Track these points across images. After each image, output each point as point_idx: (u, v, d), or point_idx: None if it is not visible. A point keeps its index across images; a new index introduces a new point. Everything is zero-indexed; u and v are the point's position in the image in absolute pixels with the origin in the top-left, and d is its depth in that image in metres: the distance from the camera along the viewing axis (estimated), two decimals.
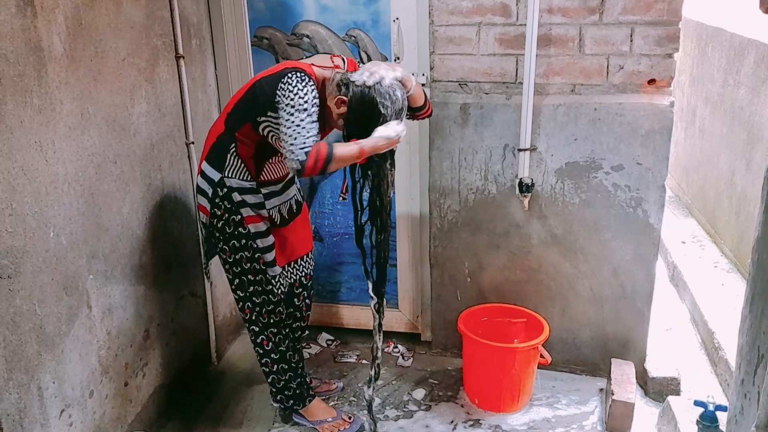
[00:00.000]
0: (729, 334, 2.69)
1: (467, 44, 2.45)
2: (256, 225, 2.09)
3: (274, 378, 2.33)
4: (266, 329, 2.25)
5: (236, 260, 2.13)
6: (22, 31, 1.66)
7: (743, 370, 1.28)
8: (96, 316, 2.03)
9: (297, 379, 2.35)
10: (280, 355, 2.29)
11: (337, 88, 1.97)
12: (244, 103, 2.01)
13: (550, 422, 2.43)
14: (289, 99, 1.88)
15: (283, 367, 2.31)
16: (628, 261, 2.51)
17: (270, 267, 2.15)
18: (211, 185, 2.07)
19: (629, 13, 2.28)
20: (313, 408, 2.41)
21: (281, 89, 1.89)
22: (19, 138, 1.66)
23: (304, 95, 1.88)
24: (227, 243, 2.11)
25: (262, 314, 2.22)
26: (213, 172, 2.07)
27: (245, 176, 2.06)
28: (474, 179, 2.57)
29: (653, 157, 2.38)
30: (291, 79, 1.89)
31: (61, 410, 1.87)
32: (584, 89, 2.41)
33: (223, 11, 2.64)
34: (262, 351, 2.28)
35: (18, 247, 1.67)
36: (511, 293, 2.66)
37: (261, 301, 2.20)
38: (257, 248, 2.11)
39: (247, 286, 2.17)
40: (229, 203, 2.06)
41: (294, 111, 1.87)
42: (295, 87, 1.88)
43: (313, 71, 1.98)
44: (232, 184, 2.05)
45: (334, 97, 1.98)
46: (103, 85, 2.00)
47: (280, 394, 2.36)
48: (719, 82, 3.73)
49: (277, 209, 2.16)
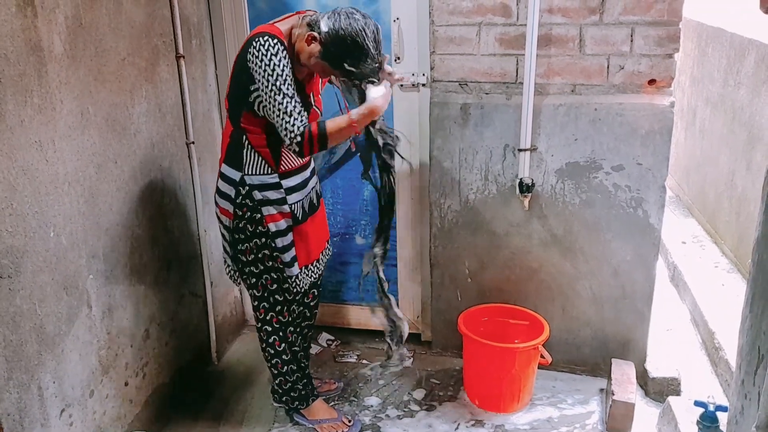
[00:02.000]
0: (729, 335, 2.69)
1: (467, 44, 2.45)
2: (277, 224, 2.08)
3: (282, 379, 2.32)
4: (280, 330, 2.24)
5: (256, 259, 2.13)
6: (23, 31, 1.66)
7: (743, 371, 1.28)
8: (96, 315, 2.03)
9: (304, 379, 2.35)
10: (292, 355, 2.29)
11: (308, 26, 1.94)
12: (232, 90, 2.01)
13: (550, 422, 2.42)
14: (263, 70, 1.86)
15: (293, 368, 2.30)
16: (628, 261, 2.51)
17: (288, 267, 2.13)
18: (233, 185, 2.06)
19: (629, 13, 2.28)
20: (315, 408, 2.41)
21: (252, 60, 1.88)
22: (20, 137, 1.67)
23: (279, 61, 1.86)
24: (248, 242, 2.11)
25: (280, 314, 2.21)
26: (233, 172, 2.06)
27: (266, 170, 2.04)
28: (474, 179, 2.57)
29: (653, 158, 2.38)
30: (257, 47, 1.87)
31: (61, 410, 1.87)
32: (584, 89, 2.41)
33: (223, 11, 2.64)
34: (273, 351, 2.27)
35: (18, 247, 1.67)
36: (511, 293, 2.66)
37: (278, 300, 2.19)
38: (276, 248, 2.10)
39: (265, 285, 2.17)
40: (251, 202, 2.06)
41: (272, 84, 1.86)
42: (266, 54, 1.86)
43: (278, 29, 1.94)
44: (254, 181, 2.04)
45: (303, 36, 1.94)
46: (103, 84, 2.00)
47: (286, 395, 2.36)
48: (719, 82, 3.73)
49: (300, 204, 2.13)
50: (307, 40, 1.93)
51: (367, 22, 1.91)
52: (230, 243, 2.16)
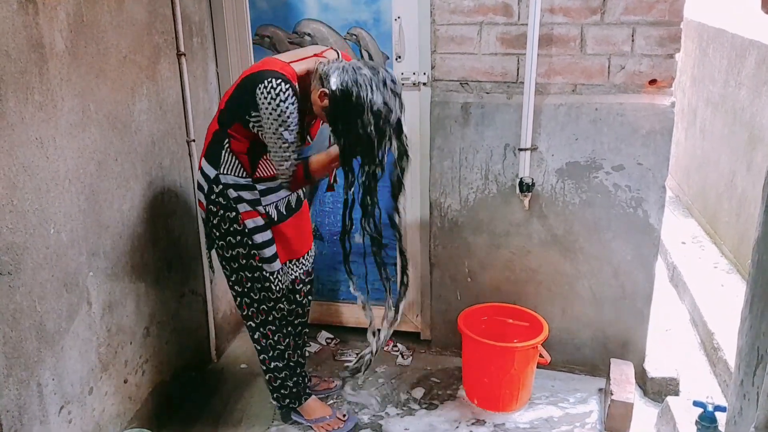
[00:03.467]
0: (728, 335, 2.69)
1: (469, 43, 2.45)
2: (254, 220, 2.08)
3: (271, 376, 2.33)
4: (263, 326, 2.24)
5: (233, 256, 2.13)
6: (24, 28, 1.66)
7: (742, 371, 1.28)
8: (96, 313, 2.03)
9: (294, 377, 2.35)
10: (278, 352, 2.29)
11: (319, 80, 1.93)
12: (233, 101, 2.01)
13: (549, 422, 2.43)
14: (269, 113, 1.89)
15: (279, 365, 2.31)
16: (628, 261, 2.51)
17: (267, 263, 2.13)
18: (207, 182, 2.07)
19: (631, 13, 2.28)
20: (309, 406, 2.41)
21: (260, 97, 1.89)
22: (20, 134, 1.67)
23: (287, 107, 1.88)
24: (223, 239, 2.11)
25: (259, 311, 2.22)
26: (210, 168, 2.07)
27: (240, 173, 2.05)
28: (474, 178, 2.57)
29: (654, 158, 2.38)
30: (269, 88, 1.87)
31: (60, 407, 1.88)
32: (585, 89, 2.41)
33: (224, 9, 2.64)
34: (260, 348, 2.29)
35: (18, 244, 1.67)
36: (511, 293, 2.66)
37: (259, 297, 2.20)
38: (254, 244, 2.10)
39: (243, 282, 2.17)
40: (224, 200, 2.06)
41: (276, 128, 1.91)
42: (275, 98, 1.87)
43: (293, 71, 1.94)
44: (228, 180, 2.05)
45: (317, 90, 1.94)
46: (104, 82, 2.00)
47: (277, 392, 2.37)
48: (720, 82, 3.73)
49: (273, 206, 2.13)
50: (320, 96, 1.93)
51: (376, 78, 1.88)
52: (206, 235, 2.19)
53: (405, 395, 2.59)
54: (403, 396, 2.58)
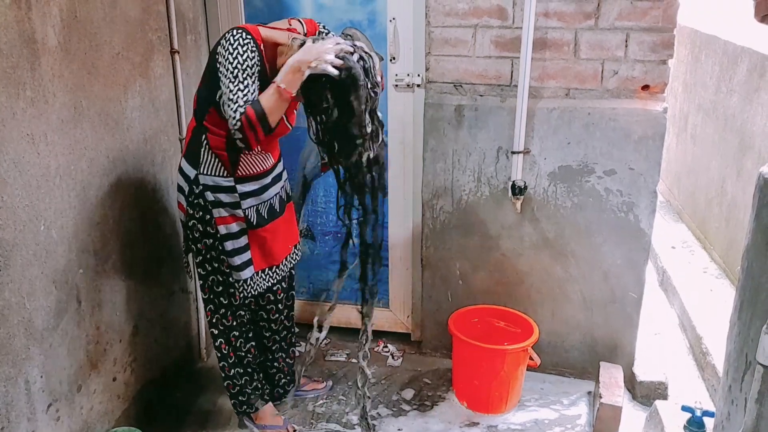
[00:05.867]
0: (717, 340, 2.71)
1: (463, 46, 2.45)
2: (228, 226, 2.04)
3: (229, 383, 2.30)
4: (225, 333, 2.21)
5: (204, 260, 2.11)
6: (16, 23, 1.65)
7: (731, 377, 1.29)
8: (85, 310, 2.02)
9: (252, 383, 2.32)
10: (238, 360, 2.26)
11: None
12: (202, 85, 1.98)
13: (538, 424, 2.43)
14: (225, 59, 1.83)
15: (239, 371, 2.28)
16: (618, 265, 2.52)
17: (237, 271, 2.08)
18: (187, 182, 2.04)
19: (625, 18, 2.29)
20: (263, 413, 2.37)
21: (220, 52, 1.85)
22: (11, 130, 1.65)
23: (244, 52, 1.83)
24: (198, 242, 2.08)
25: (224, 317, 2.19)
26: (189, 168, 2.03)
27: (221, 172, 2.00)
28: (467, 181, 2.57)
29: (645, 163, 2.39)
30: (228, 38, 1.84)
31: (48, 404, 1.86)
32: (578, 93, 2.42)
33: (219, 7, 2.64)
34: (220, 354, 2.25)
35: (8, 240, 1.66)
36: (501, 295, 2.67)
37: (222, 303, 2.17)
38: (224, 251, 2.06)
39: (211, 287, 2.15)
40: (203, 202, 2.02)
41: (229, 71, 1.82)
42: (232, 46, 1.83)
43: (258, 32, 1.90)
44: (207, 181, 2.00)
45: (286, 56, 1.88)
46: (97, 78, 1.99)
47: (234, 399, 2.34)
48: (712, 89, 3.75)
49: (254, 209, 2.07)
50: None
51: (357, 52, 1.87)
52: (184, 237, 2.14)
53: (395, 396, 2.59)
54: (393, 397, 2.58)
